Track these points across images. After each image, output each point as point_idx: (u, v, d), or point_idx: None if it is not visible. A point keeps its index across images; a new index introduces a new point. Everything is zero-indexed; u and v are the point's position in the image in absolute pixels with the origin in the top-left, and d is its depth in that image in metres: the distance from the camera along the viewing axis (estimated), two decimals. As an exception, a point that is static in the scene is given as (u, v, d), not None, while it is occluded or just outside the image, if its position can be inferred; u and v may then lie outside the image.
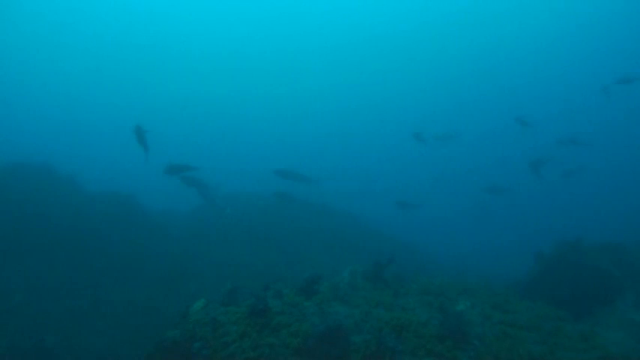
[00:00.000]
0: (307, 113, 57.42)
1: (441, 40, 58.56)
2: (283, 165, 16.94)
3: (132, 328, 14.53)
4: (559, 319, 8.55)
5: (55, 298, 14.88)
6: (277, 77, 61.27)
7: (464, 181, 37.66)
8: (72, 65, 59.62)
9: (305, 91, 60.61)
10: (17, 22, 56.41)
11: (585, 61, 52.92)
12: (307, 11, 60.19)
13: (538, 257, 12.67)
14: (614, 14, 51.56)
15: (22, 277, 15.12)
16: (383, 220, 25.74)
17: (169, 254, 18.04)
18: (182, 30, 62.53)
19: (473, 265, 21.15)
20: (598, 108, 38.67)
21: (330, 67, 60.96)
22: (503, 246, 26.97)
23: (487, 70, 57.04)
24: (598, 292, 11.56)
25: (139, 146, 14.10)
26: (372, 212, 27.15)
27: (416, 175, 40.17)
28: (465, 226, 30.54)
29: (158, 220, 20.47)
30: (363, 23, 59.66)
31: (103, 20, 59.10)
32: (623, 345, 7.90)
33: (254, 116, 56.11)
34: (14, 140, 39.56)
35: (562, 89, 49.50)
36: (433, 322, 7.21)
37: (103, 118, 54.14)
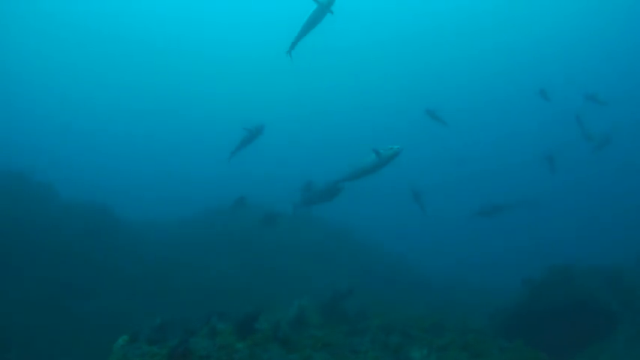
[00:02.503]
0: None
1: (447, 41, 57.51)
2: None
3: (101, 346, 13.57)
4: (538, 363, 7.50)
5: (19, 314, 13.93)
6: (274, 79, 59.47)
7: (464, 189, 36.46)
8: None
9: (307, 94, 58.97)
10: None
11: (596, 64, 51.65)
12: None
13: (526, 283, 11.59)
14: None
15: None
16: (377, 231, 24.65)
17: (147, 268, 17.13)
18: (180, 30, 61.39)
19: (466, 282, 20.05)
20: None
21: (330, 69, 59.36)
22: (502, 260, 25.75)
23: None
24: (591, 324, 10.52)
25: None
26: (365, 221, 25.99)
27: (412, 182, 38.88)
28: (462, 236, 29.26)
29: (137, 231, 19.64)
30: (376, 23, 58.36)
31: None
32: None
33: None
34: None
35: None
36: (385, 371, 6.19)
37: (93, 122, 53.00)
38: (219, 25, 61.72)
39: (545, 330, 10.18)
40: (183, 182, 38.75)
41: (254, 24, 59.81)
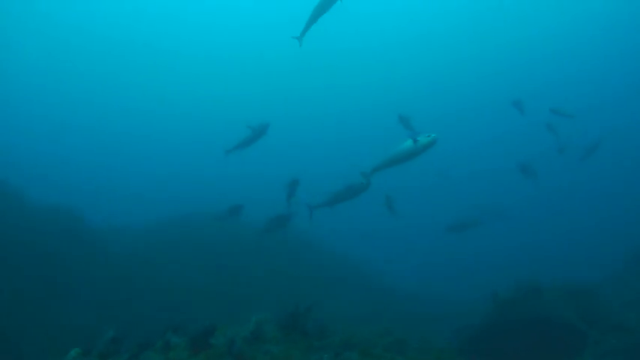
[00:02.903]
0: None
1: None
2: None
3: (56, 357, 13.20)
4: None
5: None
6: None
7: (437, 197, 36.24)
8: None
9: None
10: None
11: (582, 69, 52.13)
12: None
13: (493, 299, 11.50)
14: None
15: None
16: (345, 239, 24.35)
17: (113, 276, 16.76)
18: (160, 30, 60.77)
19: (433, 293, 19.87)
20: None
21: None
22: (470, 271, 25.52)
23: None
24: (558, 342, 10.48)
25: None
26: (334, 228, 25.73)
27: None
28: (430, 246, 29.02)
29: (105, 237, 19.22)
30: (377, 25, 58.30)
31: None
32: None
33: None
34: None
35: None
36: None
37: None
38: (205, 25, 61.48)
39: (511, 348, 10.09)
40: (166, 185, 38.10)
41: (251, 25, 59.54)
